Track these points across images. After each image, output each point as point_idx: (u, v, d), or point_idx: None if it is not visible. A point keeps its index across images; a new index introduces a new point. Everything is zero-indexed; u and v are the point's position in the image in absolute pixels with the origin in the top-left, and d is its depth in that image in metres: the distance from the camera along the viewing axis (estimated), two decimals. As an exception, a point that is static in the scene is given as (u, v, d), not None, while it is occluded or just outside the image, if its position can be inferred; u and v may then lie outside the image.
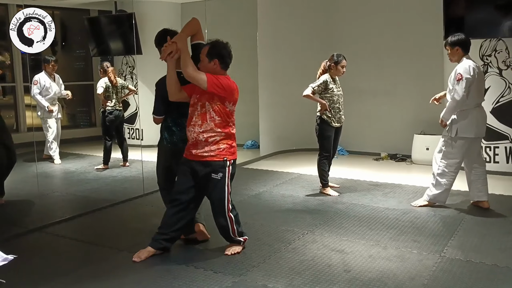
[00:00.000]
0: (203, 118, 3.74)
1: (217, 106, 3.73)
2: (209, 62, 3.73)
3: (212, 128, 3.73)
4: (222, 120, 3.76)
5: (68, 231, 4.72)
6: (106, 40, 9.39)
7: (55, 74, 7.79)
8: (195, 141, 3.77)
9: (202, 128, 3.73)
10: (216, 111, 3.74)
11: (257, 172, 7.12)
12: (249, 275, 3.57)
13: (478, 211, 5.01)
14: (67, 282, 3.56)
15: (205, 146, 3.75)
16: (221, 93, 3.70)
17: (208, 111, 3.73)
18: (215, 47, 3.75)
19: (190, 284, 3.46)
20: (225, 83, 3.72)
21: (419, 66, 7.67)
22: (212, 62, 3.73)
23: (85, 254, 4.15)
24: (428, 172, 6.36)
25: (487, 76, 6.53)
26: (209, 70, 3.72)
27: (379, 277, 3.52)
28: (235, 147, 3.90)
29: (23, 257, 4.10)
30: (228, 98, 3.75)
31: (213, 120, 3.73)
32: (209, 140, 3.74)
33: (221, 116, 3.75)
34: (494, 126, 6.57)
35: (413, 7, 7.62)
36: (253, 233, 4.46)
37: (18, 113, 9.63)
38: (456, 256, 3.86)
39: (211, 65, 3.74)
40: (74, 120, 11.00)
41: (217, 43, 3.78)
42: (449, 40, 4.99)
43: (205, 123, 3.73)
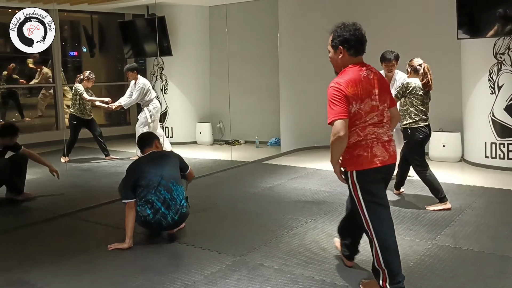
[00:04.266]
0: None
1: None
2: (335, 53, 3.15)
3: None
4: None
5: (93, 216, 5.20)
6: (138, 42, 9.90)
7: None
8: None
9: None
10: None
11: (275, 167, 7.46)
12: (249, 256, 3.92)
13: (480, 205, 5.19)
14: (87, 258, 4.00)
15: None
16: (342, 105, 2.97)
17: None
18: (335, 33, 3.13)
19: (196, 262, 3.84)
20: (333, 97, 2.99)
21: (437, 64, 7.79)
22: (338, 51, 3.13)
23: (106, 236, 4.60)
24: (444, 168, 6.56)
25: (500, 74, 6.67)
26: (339, 63, 3.16)
27: (368, 259, 3.76)
28: (359, 156, 3.05)
29: (50, 237, 4.60)
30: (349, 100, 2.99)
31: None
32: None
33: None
34: (508, 123, 6.68)
35: (431, 5, 7.77)
36: (260, 220, 4.82)
37: (57, 113, 10.29)
38: (446, 243, 4.09)
39: (337, 57, 3.14)
40: (110, 119, 11.62)
41: (337, 27, 3.14)
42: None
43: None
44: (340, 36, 3.09)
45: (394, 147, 3.18)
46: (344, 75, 3.07)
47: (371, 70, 3.12)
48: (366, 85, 3.02)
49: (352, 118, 3.00)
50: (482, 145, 6.97)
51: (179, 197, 4.30)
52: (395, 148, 3.19)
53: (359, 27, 3.12)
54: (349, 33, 3.07)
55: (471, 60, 7.10)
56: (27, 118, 11.00)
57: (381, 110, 3.09)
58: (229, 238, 4.35)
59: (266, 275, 3.54)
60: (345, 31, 3.08)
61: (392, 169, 3.23)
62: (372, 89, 3.04)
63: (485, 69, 6.82)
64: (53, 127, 10.54)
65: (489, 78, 6.79)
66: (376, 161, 3.03)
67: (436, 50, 7.61)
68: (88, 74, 8.12)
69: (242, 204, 5.48)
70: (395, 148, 3.21)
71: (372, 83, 3.06)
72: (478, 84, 6.96)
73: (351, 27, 3.09)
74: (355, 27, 3.10)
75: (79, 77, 8.17)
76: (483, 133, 6.94)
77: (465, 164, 7.33)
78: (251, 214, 5.08)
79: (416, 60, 5.16)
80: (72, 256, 4.04)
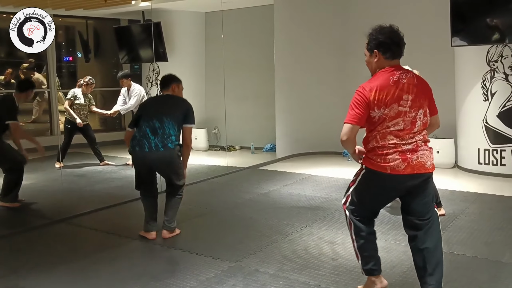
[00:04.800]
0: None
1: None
2: (371, 56, 3.08)
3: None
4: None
5: (89, 222, 5.20)
6: (134, 48, 9.92)
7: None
8: None
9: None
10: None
11: (270, 173, 7.49)
12: (245, 261, 3.93)
13: (473, 210, 5.23)
14: (83, 264, 4.00)
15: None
16: (359, 111, 2.95)
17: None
18: (371, 36, 3.07)
19: (191, 267, 3.85)
20: (354, 100, 2.97)
21: (430, 71, 7.85)
22: (374, 55, 3.05)
23: (101, 241, 4.62)
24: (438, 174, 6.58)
25: (493, 81, 6.74)
26: (374, 67, 3.08)
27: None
28: (372, 160, 3.01)
29: (46, 243, 4.60)
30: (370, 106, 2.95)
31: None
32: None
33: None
34: (501, 129, 6.75)
35: (426, 13, 7.85)
36: (256, 226, 4.84)
37: (52, 118, 10.28)
38: (440, 249, 4.12)
39: (373, 60, 3.07)
40: (105, 125, 11.62)
41: (373, 30, 3.07)
42: None
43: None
44: (375, 39, 3.02)
45: (423, 156, 2.95)
46: (372, 80, 3.01)
47: (407, 74, 3.01)
48: (395, 90, 2.93)
49: (376, 123, 2.95)
50: (476, 152, 7.03)
51: (168, 129, 4.44)
52: (426, 157, 2.96)
53: (396, 29, 3.04)
54: (384, 36, 3.00)
55: (465, 67, 7.17)
56: (21, 123, 10.95)
57: (412, 116, 2.95)
58: (225, 243, 4.36)
59: (262, 281, 3.56)
60: (381, 34, 3.01)
61: (414, 180, 2.97)
62: (402, 94, 2.93)
63: (478, 76, 6.88)
64: (47, 133, 10.52)
65: (482, 85, 6.86)
66: (387, 168, 2.93)
67: (430, 57, 7.67)
68: (88, 79, 8.13)
69: (237, 210, 5.50)
70: (428, 158, 2.98)
71: (403, 88, 2.95)
72: (471, 91, 7.02)
73: (387, 30, 3.02)
74: (391, 30, 3.03)
75: (79, 82, 8.19)
76: (476, 139, 7.01)
77: (459, 170, 7.39)
78: (246, 220, 5.10)
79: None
80: (67, 262, 4.04)
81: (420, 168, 2.94)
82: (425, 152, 2.97)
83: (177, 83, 4.76)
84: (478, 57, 6.86)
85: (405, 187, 3.01)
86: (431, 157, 3.01)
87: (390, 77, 2.96)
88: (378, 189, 3.08)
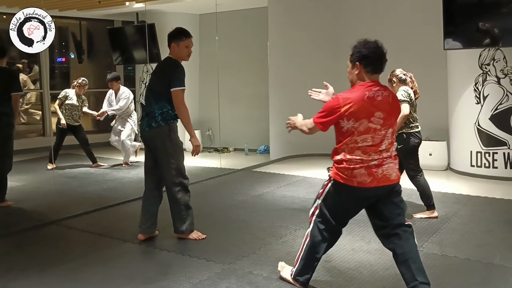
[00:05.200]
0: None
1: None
2: (352, 68, 3.17)
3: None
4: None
5: (80, 224, 5.16)
6: (128, 49, 9.89)
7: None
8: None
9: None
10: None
11: (264, 175, 7.48)
12: (238, 263, 3.92)
13: (466, 213, 5.25)
14: (74, 266, 3.97)
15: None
16: (327, 119, 3.12)
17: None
18: (355, 48, 3.15)
19: (184, 270, 3.83)
20: (328, 106, 3.12)
21: (423, 74, 7.89)
22: (356, 67, 3.13)
23: (92, 244, 4.59)
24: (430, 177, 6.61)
25: (486, 84, 6.77)
26: (354, 79, 3.17)
27: (356, 267, 3.83)
28: (339, 173, 3.14)
29: (36, 245, 4.57)
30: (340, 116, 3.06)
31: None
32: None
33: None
34: (493, 132, 6.79)
35: (418, 17, 7.88)
36: (249, 228, 4.83)
37: (45, 119, 10.23)
38: (433, 251, 4.13)
39: (354, 72, 3.15)
40: (98, 126, 11.56)
41: (358, 43, 3.16)
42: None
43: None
44: (359, 52, 3.10)
45: (388, 169, 3.08)
46: (350, 92, 3.11)
47: (383, 92, 3.08)
48: (369, 106, 3.01)
49: (344, 134, 3.07)
50: (468, 154, 7.06)
51: (151, 106, 4.38)
52: (391, 170, 3.09)
53: (380, 45, 3.10)
54: (368, 50, 3.07)
55: (457, 71, 7.20)
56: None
57: (382, 134, 3.05)
58: (218, 246, 4.35)
59: (255, 283, 3.55)
60: (365, 48, 3.08)
61: (379, 191, 3.11)
62: (375, 111, 3.01)
63: (470, 80, 6.92)
64: (39, 133, 10.47)
65: (474, 88, 6.89)
66: (354, 181, 3.06)
67: (423, 60, 7.71)
68: (81, 80, 8.10)
69: (231, 212, 5.49)
70: (392, 170, 3.10)
71: (377, 105, 3.02)
72: (464, 94, 7.05)
73: (371, 44, 3.09)
74: (376, 45, 3.09)
75: (73, 83, 8.17)
76: (468, 142, 7.04)
77: (451, 172, 7.42)
78: (240, 222, 5.09)
79: (398, 70, 5.22)
80: (58, 264, 4.01)
81: (385, 181, 3.08)
82: (390, 165, 3.10)
83: (177, 42, 4.39)
84: (470, 60, 6.90)
85: (372, 197, 3.15)
86: (396, 169, 3.14)
87: (366, 93, 3.04)
88: (347, 199, 3.19)
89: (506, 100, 6.67)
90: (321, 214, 3.27)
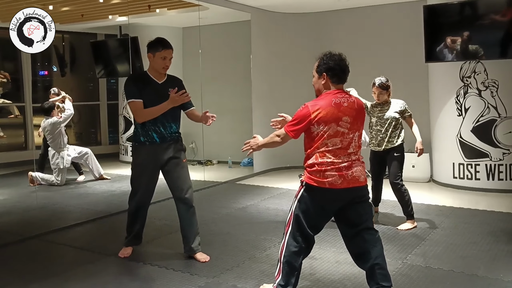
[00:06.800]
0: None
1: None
2: (319, 78, 3.39)
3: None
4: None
5: (62, 238, 5.08)
6: (110, 62, 9.85)
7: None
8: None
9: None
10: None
11: (247, 188, 7.47)
12: (222, 277, 3.89)
13: (449, 224, 5.29)
14: (56, 282, 3.90)
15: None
16: (298, 126, 3.29)
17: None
18: (322, 61, 3.38)
19: (168, 284, 3.80)
20: (298, 114, 3.30)
21: (405, 86, 7.99)
22: (322, 77, 3.36)
23: (75, 258, 4.51)
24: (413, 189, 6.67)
25: (467, 97, 6.86)
26: (320, 88, 3.38)
27: (340, 279, 3.82)
28: (312, 176, 3.27)
29: (18, 261, 4.48)
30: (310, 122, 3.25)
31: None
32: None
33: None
34: (475, 144, 6.86)
35: (400, 30, 7.98)
36: (233, 241, 4.80)
37: (27, 132, 10.10)
38: (417, 263, 4.14)
39: (320, 82, 3.37)
40: (80, 139, 11.47)
41: (324, 55, 3.40)
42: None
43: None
44: (326, 63, 3.33)
45: (357, 171, 3.25)
46: (318, 100, 3.32)
47: (349, 99, 3.30)
48: (336, 111, 3.22)
49: (314, 138, 3.25)
50: (450, 166, 7.13)
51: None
52: (359, 172, 3.27)
53: (344, 58, 3.36)
54: (334, 62, 3.31)
55: (439, 83, 7.29)
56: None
57: (350, 138, 3.26)
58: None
59: (239, 297, 3.52)
60: (331, 60, 3.33)
61: (349, 193, 3.25)
62: (342, 116, 3.22)
63: (452, 92, 7.01)
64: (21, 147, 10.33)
65: (456, 100, 6.98)
66: (326, 183, 3.20)
67: (405, 73, 7.80)
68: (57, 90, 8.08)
69: (214, 225, 5.45)
70: (361, 172, 3.28)
71: (344, 110, 3.24)
72: (445, 107, 7.14)
73: (337, 57, 3.34)
74: (341, 58, 3.35)
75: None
76: (451, 154, 7.11)
77: (434, 184, 7.47)
78: (223, 235, 5.06)
79: (382, 78, 5.31)
80: (41, 280, 3.93)
81: (354, 182, 3.24)
82: (359, 168, 3.28)
83: (153, 52, 4.18)
84: (451, 73, 6.99)
85: (342, 199, 3.27)
86: (364, 172, 3.34)
87: (333, 99, 3.26)
88: (320, 202, 3.28)
89: (488, 112, 6.76)
90: (296, 220, 3.32)
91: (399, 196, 5.23)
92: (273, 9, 8.68)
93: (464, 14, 6.63)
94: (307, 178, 3.29)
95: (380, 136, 5.30)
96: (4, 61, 10.15)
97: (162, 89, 4.24)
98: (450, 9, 6.69)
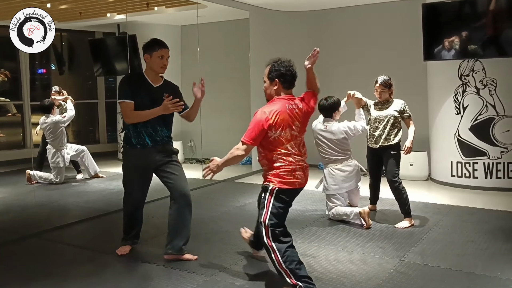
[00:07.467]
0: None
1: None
2: (270, 84, 3.56)
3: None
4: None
5: (61, 237, 5.08)
6: (109, 61, 9.84)
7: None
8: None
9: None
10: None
11: (246, 186, 7.48)
12: (220, 275, 3.90)
13: (446, 223, 5.30)
14: (55, 280, 3.91)
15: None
16: (256, 133, 3.44)
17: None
18: (274, 67, 3.56)
19: (166, 282, 3.80)
20: (255, 120, 3.45)
21: (404, 85, 7.99)
22: (274, 83, 3.54)
23: (74, 256, 4.51)
24: (411, 187, 6.69)
25: (465, 95, 6.87)
26: (272, 93, 3.56)
27: (338, 277, 3.83)
28: (283, 177, 3.47)
29: (17, 259, 4.48)
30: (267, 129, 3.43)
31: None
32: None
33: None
34: (473, 142, 6.87)
35: (399, 28, 7.98)
36: (231, 239, 4.81)
37: (25, 130, 10.09)
38: (415, 261, 4.15)
39: (272, 87, 3.55)
40: (79, 137, 11.46)
41: (274, 62, 3.59)
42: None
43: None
44: (277, 70, 3.53)
45: (307, 171, 3.58)
46: (272, 104, 3.50)
47: (298, 105, 3.55)
48: (290, 116, 3.45)
49: (272, 143, 3.43)
50: (449, 164, 7.14)
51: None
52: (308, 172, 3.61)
53: (292, 64, 3.58)
54: (285, 69, 3.52)
55: (437, 82, 7.30)
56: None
57: (300, 140, 3.54)
58: (200, 257, 4.29)
59: (237, 295, 3.53)
60: (282, 67, 3.53)
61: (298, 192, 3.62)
62: (294, 120, 3.47)
63: (450, 90, 7.01)
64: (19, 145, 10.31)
65: (454, 99, 6.99)
66: (296, 183, 3.47)
67: (403, 72, 7.79)
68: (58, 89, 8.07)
69: (213, 223, 5.46)
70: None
71: (295, 116, 3.49)
72: (444, 105, 7.14)
73: (287, 64, 3.55)
74: (290, 64, 3.57)
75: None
76: (449, 152, 7.12)
77: (432, 182, 7.49)
78: (222, 233, 5.07)
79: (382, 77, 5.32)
80: (40, 278, 3.93)
81: (306, 182, 3.59)
82: (308, 168, 3.60)
83: (150, 52, 4.18)
84: (450, 71, 7.00)
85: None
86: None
87: (287, 105, 3.48)
88: (288, 202, 3.53)
89: (486, 111, 6.77)
90: (275, 227, 3.45)
91: (396, 194, 5.25)
92: (272, 7, 8.68)
93: (463, 12, 6.63)
94: (278, 182, 3.44)
95: (377, 133, 5.32)
96: (2, 59, 10.13)
97: (156, 93, 4.22)
98: (449, 7, 6.70)
